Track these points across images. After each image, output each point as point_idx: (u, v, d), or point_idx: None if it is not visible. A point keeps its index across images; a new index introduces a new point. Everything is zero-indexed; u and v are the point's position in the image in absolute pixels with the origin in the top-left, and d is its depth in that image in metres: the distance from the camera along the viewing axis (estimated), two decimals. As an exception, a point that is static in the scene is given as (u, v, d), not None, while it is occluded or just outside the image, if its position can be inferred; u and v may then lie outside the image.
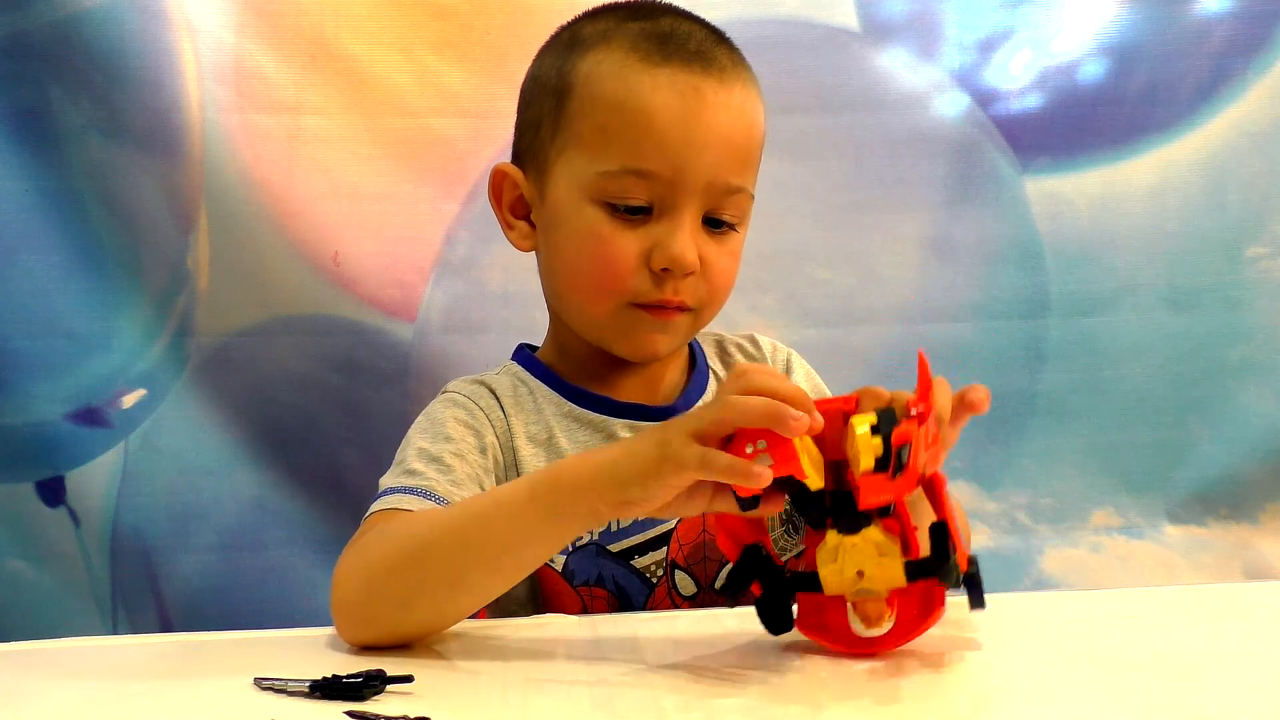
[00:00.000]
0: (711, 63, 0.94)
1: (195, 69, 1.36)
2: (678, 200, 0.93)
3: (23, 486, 1.36)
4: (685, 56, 0.93)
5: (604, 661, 0.78)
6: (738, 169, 0.95)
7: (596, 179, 0.93)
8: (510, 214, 1.01)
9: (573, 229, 0.95)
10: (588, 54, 0.95)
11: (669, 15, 0.97)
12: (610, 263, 0.94)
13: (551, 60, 0.99)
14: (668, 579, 0.96)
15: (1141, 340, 1.52)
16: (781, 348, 1.11)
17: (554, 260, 0.99)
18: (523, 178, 1.00)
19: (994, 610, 0.88)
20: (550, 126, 0.96)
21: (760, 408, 0.71)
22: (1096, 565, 1.52)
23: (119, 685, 0.77)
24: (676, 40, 0.94)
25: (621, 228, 0.94)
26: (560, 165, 0.96)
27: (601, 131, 0.93)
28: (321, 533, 1.40)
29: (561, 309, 1.01)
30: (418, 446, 0.95)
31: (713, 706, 0.70)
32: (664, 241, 0.93)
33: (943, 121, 1.50)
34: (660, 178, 0.92)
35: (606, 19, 0.98)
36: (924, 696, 0.73)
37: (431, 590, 0.81)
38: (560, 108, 0.96)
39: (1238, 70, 1.50)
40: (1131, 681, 0.73)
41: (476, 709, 0.70)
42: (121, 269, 1.36)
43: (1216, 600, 0.99)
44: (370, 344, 1.41)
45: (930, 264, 1.50)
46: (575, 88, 0.95)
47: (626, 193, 0.93)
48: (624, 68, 0.93)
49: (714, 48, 0.96)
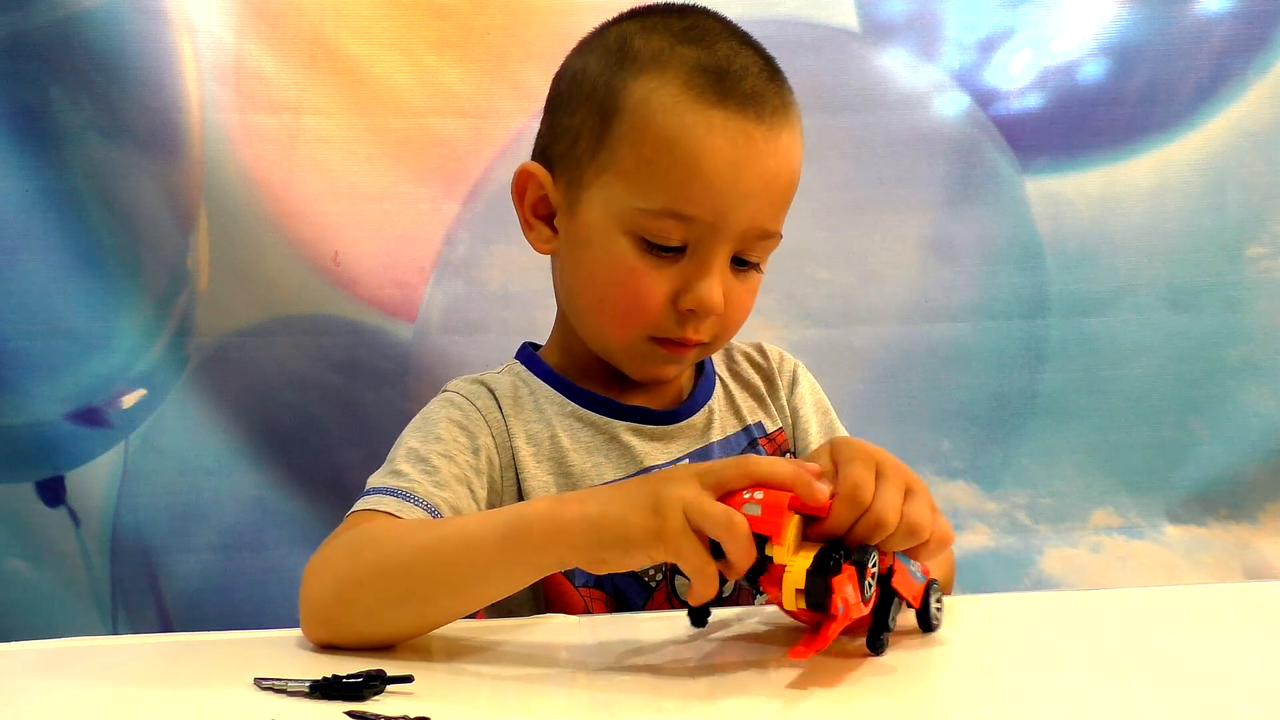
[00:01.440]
0: (764, 105, 0.92)
1: (195, 69, 1.36)
2: (713, 244, 0.92)
3: (23, 486, 1.36)
4: (740, 99, 0.91)
5: (604, 661, 0.78)
6: (775, 215, 0.95)
7: (635, 213, 0.91)
8: (531, 213, 0.99)
9: (603, 255, 0.94)
10: (641, 76, 0.92)
11: (724, 40, 0.94)
12: (638, 297, 0.93)
13: (599, 67, 0.95)
14: (667, 584, 0.96)
15: (1141, 340, 1.52)
16: (789, 358, 1.11)
17: (578, 276, 0.98)
18: (550, 182, 0.97)
19: (994, 610, 0.88)
20: (590, 142, 0.94)
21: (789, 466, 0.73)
22: (1096, 565, 1.52)
23: (119, 685, 0.77)
24: (733, 78, 0.91)
25: (653, 264, 0.93)
26: (597, 188, 0.94)
27: (647, 166, 0.91)
28: (321, 533, 1.38)
29: (576, 321, 1.01)
30: (408, 446, 0.95)
31: (713, 706, 0.70)
32: (694, 285, 0.92)
33: (943, 121, 1.50)
34: (700, 222, 0.91)
35: (661, 35, 0.94)
36: (924, 696, 0.73)
37: (398, 607, 0.81)
38: (605, 127, 0.93)
39: (1238, 70, 1.50)
40: (1131, 681, 0.73)
41: (476, 709, 0.70)
42: (121, 269, 1.36)
43: (1216, 600, 0.99)
44: (370, 344, 1.41)
45: (930, 264, 1.50)
46: (624, 112, 0.92)
47: (664, 233, 0.91)
48: (679, 104, 0.90)
49: (766, 86, 0.93)
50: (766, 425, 1.06)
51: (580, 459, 0.98)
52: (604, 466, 0.98)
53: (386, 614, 0.81)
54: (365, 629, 0.81)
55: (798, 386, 1.09)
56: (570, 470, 0.97)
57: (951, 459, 1.51)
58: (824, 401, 1.10)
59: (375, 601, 0.81)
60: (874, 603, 0.75)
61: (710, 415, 1.03)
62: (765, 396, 1.08)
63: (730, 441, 1.03)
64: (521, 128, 1.42)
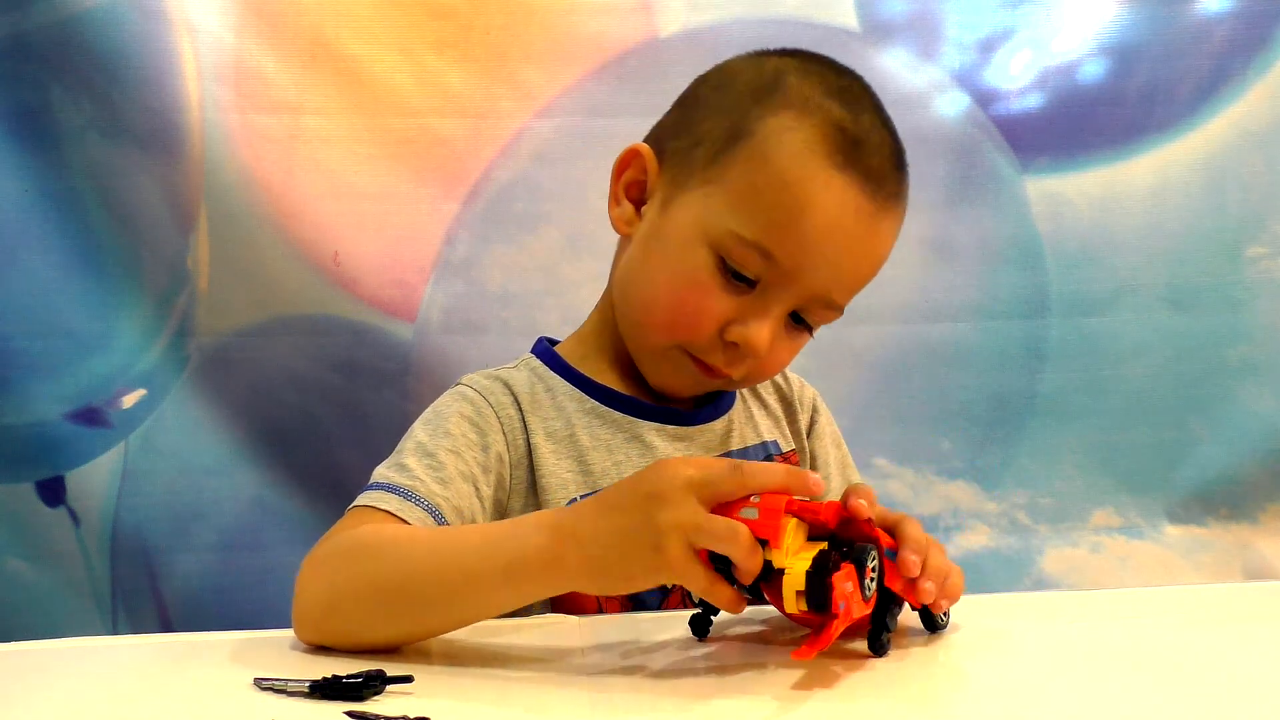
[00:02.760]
0: (882, 187, 0.92)
1: (195, 69, 1.36)
2: (782, 292, 0.93)
3: (23, 486, 1.35)
4: (865, 171, 0.91)
5: (604, 661, 0.78)
6: (847, 292, 0.96)
7: (726, 234, 0.91)
8: (624, 191, 0.99)
9: (678, 260, 0.94)
10: (782, 112, 0.92)
11: (870, 113, 0.95)
12: (693, 313, 0.94)
13: (746, 89, 0.95)
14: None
15: (1141, 340, 1.52)
16: (808, 387, 1.12)
17: (644, 268, 0.97)
18: (656, 170, 0.97)
19: (994, 610, 0.88)
20: (709, 152, 0.94)
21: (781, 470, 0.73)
22: (1096, 565, 1.52)
23: (119, 685, 0.77)
24: (866, 151, 0.92)
25: (722, 287, 0.93)
26: (699, 194, 0.93)
27: (755, 194, 0.91)
28: (321, 533, 1.39)
29: (623, 309, 1.00)
30: (417, 439, 0.95)
31: (713, 706, 0.70)
32: (748, 321, 0.93)
33: (943, 121, 1.50)
34: (780, 266, 0.91)
35: (815, 84, 0.94)
36: (924, 696, 0.73)
37: (392, 623, 0.81)
38: (731, 143, 0.93)
39: (1238, 70, 1.50)
40: (1131, 681, 0.73)
41: (476, 709, 0.70)
42: (121, 269, 1.36)
43: (1216, 600, 0.99)
44: (370, 344, 1.41)
45: (930, 264, 1.50)
46: (754, 136, 0.92)
47: (745, 262, 0.92)
48: (807, 151, 0.90)
49: (892, 171, 0.94)
50: (781, 445, 1.07)
51: (601, 457, 0.98)
52: (624, 466, 0.97)
53: (379, 627, 0.81)
54: (358, 638, 0.81)
55: (817, 423, 1.10)
56: (590, 469, 0.97)
57: (951, 459, 1.51)
58: (838, 435, 1.12)
59: (369, 616, 0.81)
60: (874, 603, 0.75)
61: (730, 424, 1.04)
62: (782, 419, 1.09)
63: (749, 453, 1.03)
64: (521, 128, 1.43)
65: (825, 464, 1.09)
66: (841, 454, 1.11)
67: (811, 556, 0.72)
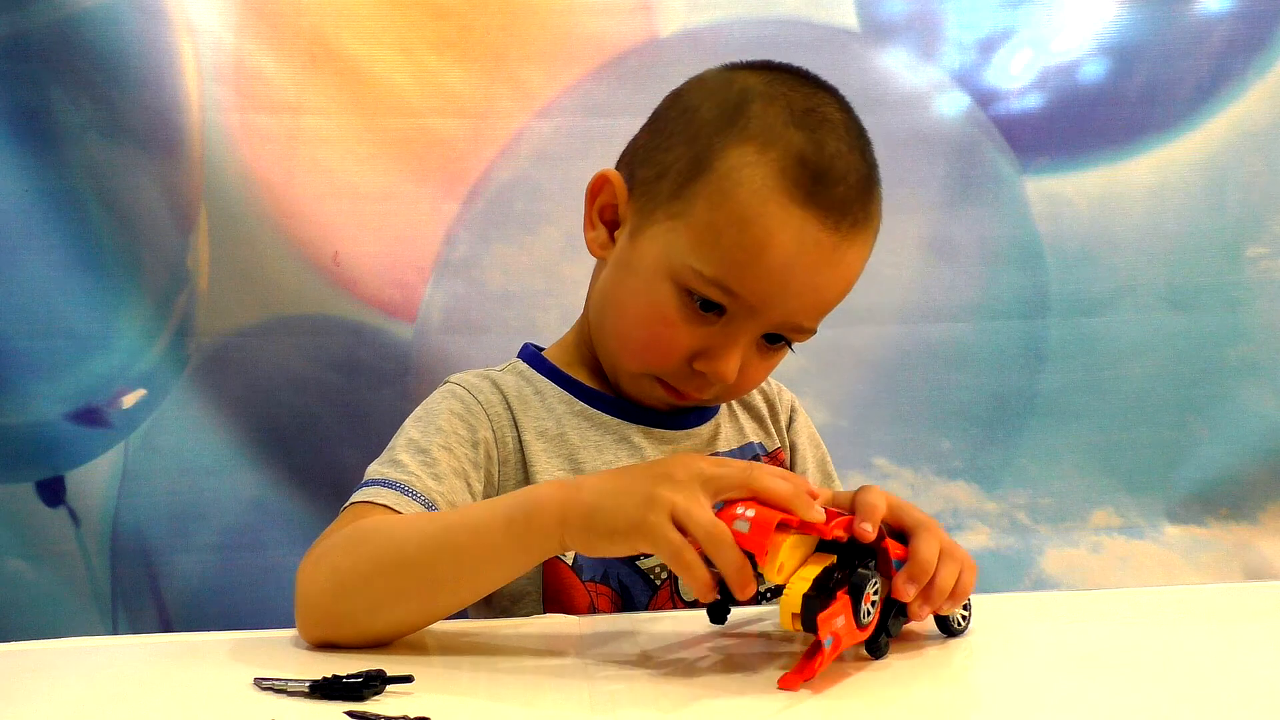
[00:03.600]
0: (844, 217, 0.91)
1: (195, 69, 1.36)
2: (746, 323, 0.93)
3: (23, 486, 1.35)
4: (826, 205, 0.90)
5: (604, 661, 0.78)
6: (815, 316, 0.96)
7: (688, 270, 0.91)
8: (599, 215, 1.00)
9: (644, 291, 0.94)
10: (743, 145, 0.90)
11: (837, 138, 0.92)
12: (661, 345, 0.94)
13: (711, 114, 0.94)
14: (671, 581, 0.96)
15: (1141, 340, 1.52)
16: (786, 390, 1.13)
17: (614, 297, 0.98)
18: (625, 196, 0.98)
19: (994, 610, 0.88)
20: (674, 184, 0.93)
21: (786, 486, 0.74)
22: (1096, 565, 1.52)
23: (119, 685, 0.77)
24: (828, 181, 0.90)
25: (688, 319, 0.93)
26: (664, 228, 0.93)
27: (715, 233, 0.90)
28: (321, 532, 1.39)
29: (597, 330, 1.01)
30: (408, 436, 0.95)
31: (713, 707, 0.70)
32: (715, 353, 0.93)
33: (943, 121, 1.50)
34: (743, 301, 0.91)
35: (779, 107, 0.92)
36: (924, 696, 0.73)
37: (402, 601, 0.81)
38: (693, 176, 0.92)
39: (1238, 70, 1.50)
40: (1131, 681, 0.73)
41: (476, 709, 0.70)
42: (121, 269, 1.36)
43: (1216, 600, 0.99)
44: (370, 344, 1.41)
45: (930, 264, 1.50)
46: (714, 172, 0.91)
47: (708, 296, 0.92)
48: (766, 188, 0.89)
49: (856, 198, 0.92)
50: (767, 445, 1.08)
51: (591, 456, 0.98)
52: (615, 465, 0.98)
53: (389, 608, 0.81)
54: (367, 625, 0.81)
55: (795, 420, 1.11)
56: (582, 467, 0.98)
57: (951, 459, 1.51)
58: (816, 436, 1.13)
59: (378, 596, 0.81)
60: (874, 625, 0.76)
61: (716, 428, 1.05)
62: (766, 419, 1.10)
63: (735, 455, 1.04)
64: (521, 128, 1.43)
65: (803, 460, 1.10)
66: (820, 453, 1.12)
67: (813, 577, 0.72)
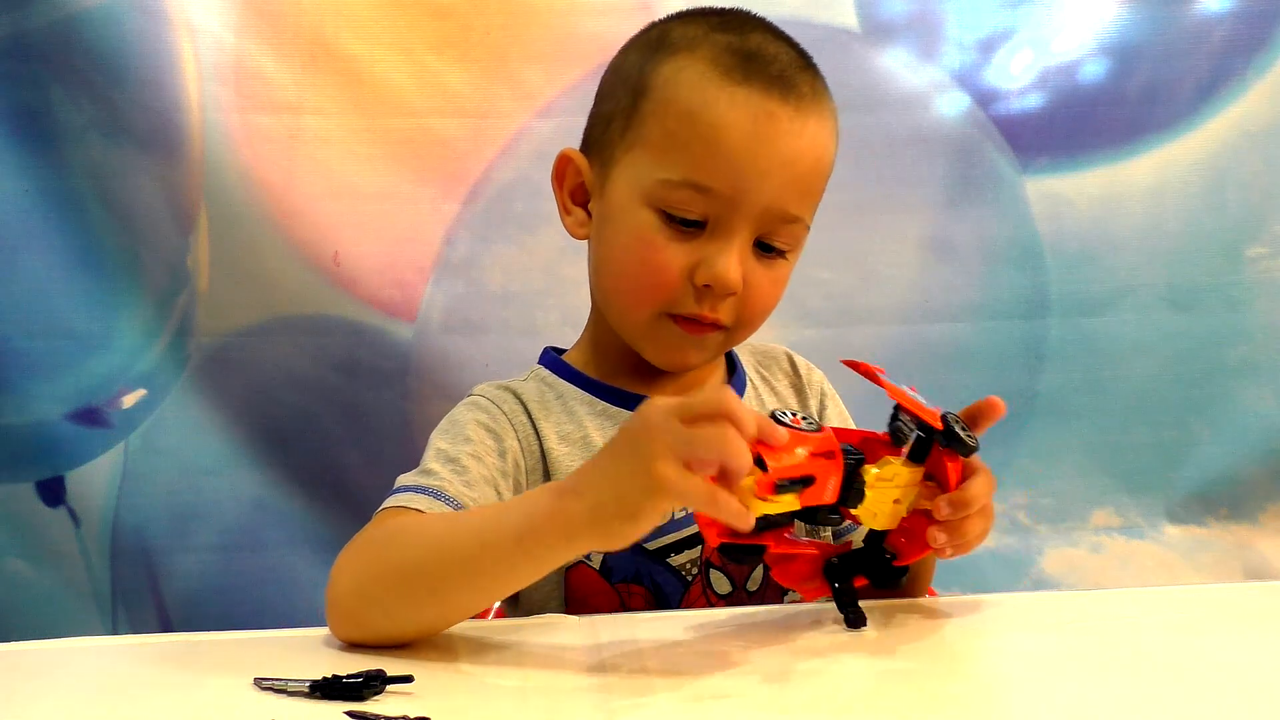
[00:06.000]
0: (791, 89, 0.92)
1: (195, 69, 1.36)
2: (732, 221, 0.93)
3: (23, 486, 1.36)
4: (766, 80, 0.91)
5: (604, 662, 0.78)
6: (797, 199, 0.95)
7: (657, 185, 0.92)
8: (570, 199, 1.01)
9: (625, 229, 0.95)
10: (671, 58, 0.93)
11: (759, 32, 0.95)
12: (655, 270, 0.94)
13: (636, 57, 0.97)
14: (703, 577, 0.96)
15: (1141, 340, 1.52)
16: (816, 370, 1.12)
17: (602, 255, 0.99)
18: (587, 166, 0.99)
19: (994, 610, 0.88)
20: (621, 123, 0.95)
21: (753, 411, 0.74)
22: (1096, 565, 1.52)
23: (119, 685, 0.77)
24: (761, 61, 0.92)
25: (672, 238, 0.93)
26: (625, 164, 0.95)
27: (670, 138, 0.92)
28: (321, 533, 1.40)
29: (604, 306, 1.01)
30: (437, 447, 0.95)
31: (713, 707, 0.70)
32: (711, 259, 0.93)
33: (943, 121, 1.50)
34: (719, 195, 0.91)
35: (698, 25, 0.95)
36: (924, 696, 0.73)
37: (418, 604, 0.81)
38: (634, 107, 0.94)
39: (1238, 70, 1.50)
40: (1131, 681, 0.73)
41: (476, 709, 0.70)
42: (121, 269, 1.37)
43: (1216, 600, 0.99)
44: (370, 344, 1.41)
45: (930, 264, 1.50)
46: (652, 90, 0.93)
47: (684, 204, 0.92)
48: (703, 79, 0.91)
49: (798, 74, 0.94)
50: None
51: None
52: None
53: (405, 612, 0.81)
54: (387, 627, 0.81)
55: (827, 409, 1.10)
56: None
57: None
58: (848, 418, 1.11)
59: (395, 600, 0.81)
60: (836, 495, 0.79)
61: None
62: (793, 403, 1.09)
63: None
64: (521, 128, 1.43)
65: None
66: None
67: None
